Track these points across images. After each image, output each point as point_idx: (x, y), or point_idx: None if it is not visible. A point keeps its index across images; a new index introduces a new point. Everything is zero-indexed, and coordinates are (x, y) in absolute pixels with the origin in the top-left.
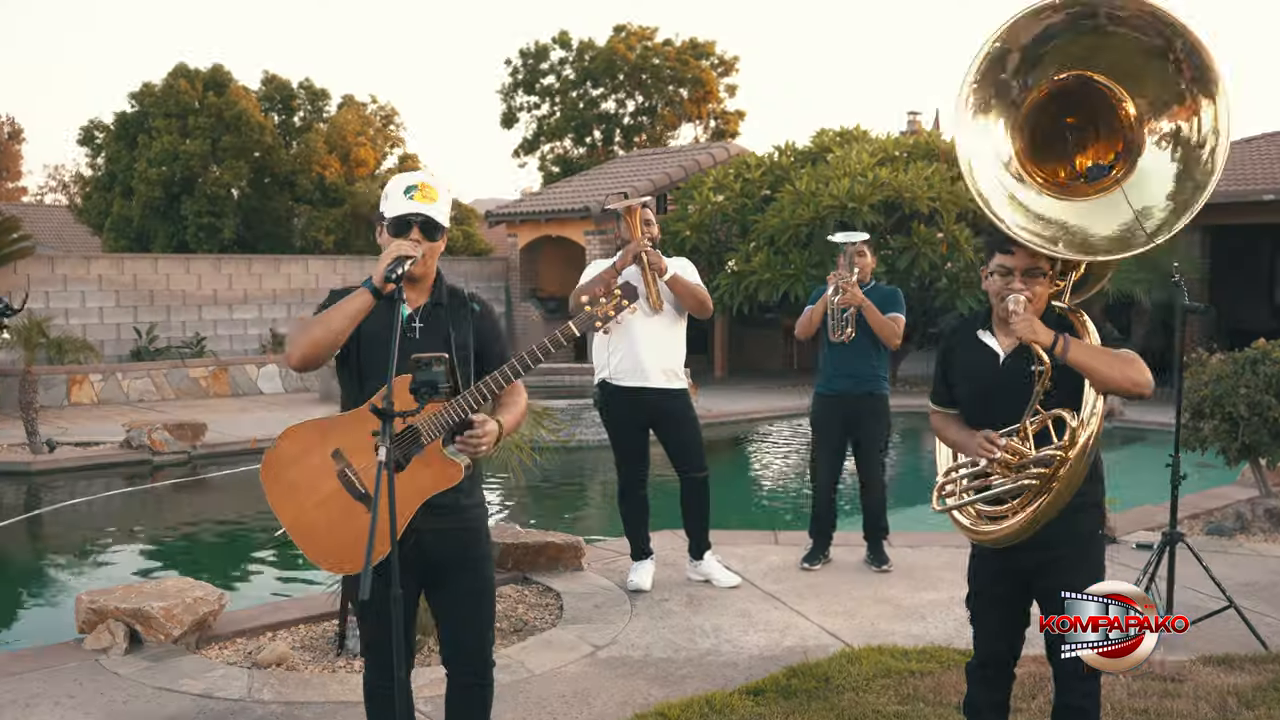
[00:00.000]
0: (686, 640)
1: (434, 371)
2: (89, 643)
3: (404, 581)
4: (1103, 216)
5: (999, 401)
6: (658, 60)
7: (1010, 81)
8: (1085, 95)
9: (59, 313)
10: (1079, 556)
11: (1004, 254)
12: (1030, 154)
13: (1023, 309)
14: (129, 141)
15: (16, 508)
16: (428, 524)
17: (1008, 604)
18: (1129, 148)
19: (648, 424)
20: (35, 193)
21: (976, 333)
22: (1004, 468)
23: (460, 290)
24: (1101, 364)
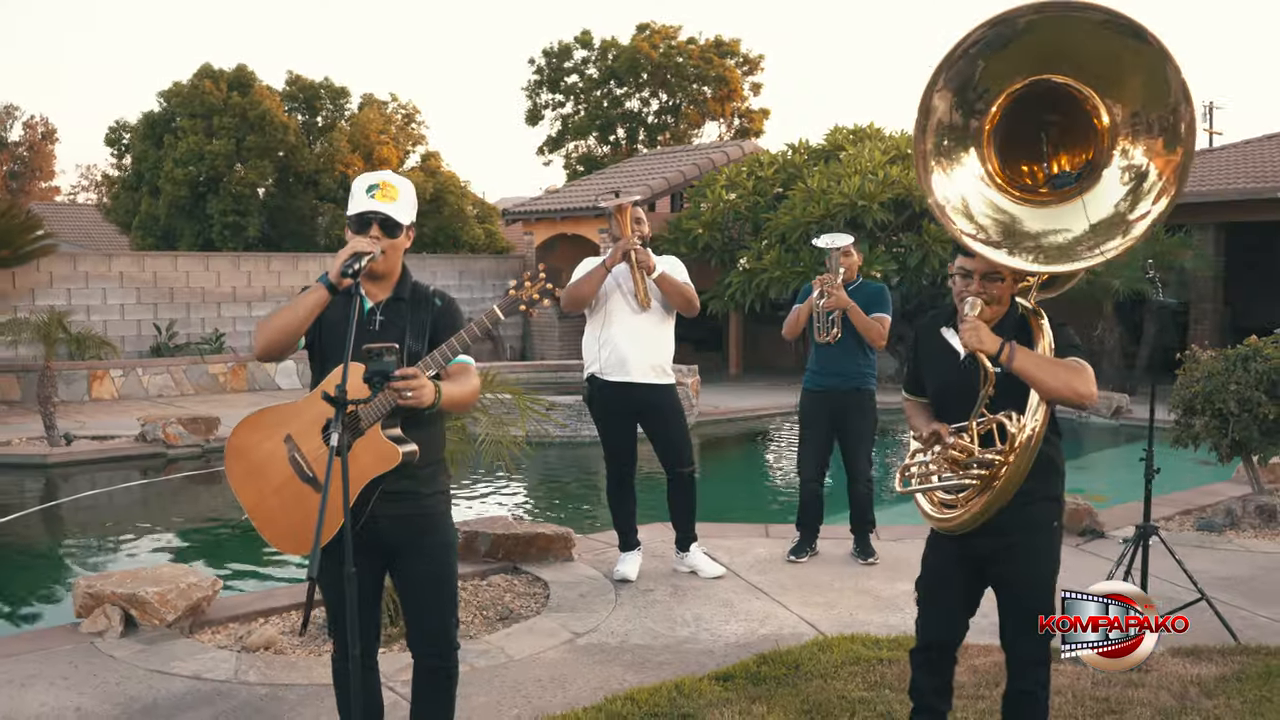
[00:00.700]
0: (666, 628)
1: (385, 361)
2: (85, 626)
3: (363, 563)
4: (1059, 224)
5: (956, 398)
6: (682, 59)
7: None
8: (1055, 98)
9: (81, 309)
10: (1033, 546)
11: (965, 256)
12: (1005, 163)
13: (976, 313)
14: (156, 141)
15: (32, 499)
16: (384, 509)
17: (959, 589)
18: (1098, 156)
19: (635, 418)
20: (68, 192)
21: (940, 329)
22: (951, 464)
23: (425, 287)
24: (1045, 374)
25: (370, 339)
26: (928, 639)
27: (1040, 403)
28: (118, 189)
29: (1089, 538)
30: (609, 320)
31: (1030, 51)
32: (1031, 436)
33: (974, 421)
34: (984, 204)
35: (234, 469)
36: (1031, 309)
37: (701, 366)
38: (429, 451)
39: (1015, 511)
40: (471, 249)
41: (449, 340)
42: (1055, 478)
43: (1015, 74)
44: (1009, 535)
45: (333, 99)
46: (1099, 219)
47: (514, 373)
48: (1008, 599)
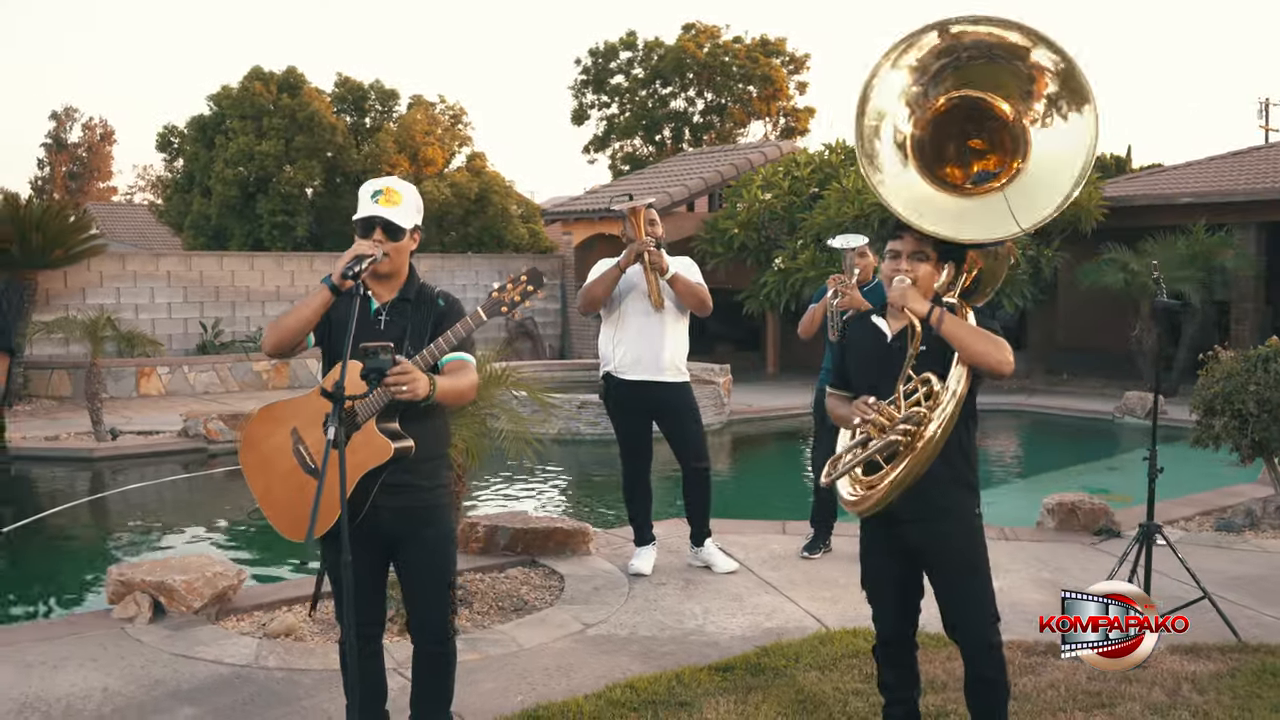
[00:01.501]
0: (674, 621)
1: (381, 359)
2: (117, 612)
3: (366, 552)
4: (982, 211)
5: (883, 376)
6: (727, 58)
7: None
8: (976, 115)
9: (129, 307)
10: (958, 530)
11: (894, 239)
12: (929, 151)
13: (905, 285)
14: (207, 143)
15: (76, 492)
16: (385, 501)
17: (900, 581)
18: (1018, 150)
19: (650, 416)
20: (124, 192)
21: (871, 317)
22: (878, 430)
23: (430, 288)
24: (971, 338)
25: (375, 338)
26: (884, 634)
27: (964, 368)
28: (170, 190)
29: (1105, 537)
30: (623, 320)
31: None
32: (955, 397)
33: (900, 384)
34: (918, 194)
35: (247, 459)
36: (959, 302)
37: (741, 366)
38: (429, 446)
39: (935, 495)
40: (516, 248)
41: (436, 339)
42: (970, 464)
43: (938, 95)
44: (933, 522)
45: (381, 100)
46: (1019, 200)
47: (549, 370)
48: (944, 586)
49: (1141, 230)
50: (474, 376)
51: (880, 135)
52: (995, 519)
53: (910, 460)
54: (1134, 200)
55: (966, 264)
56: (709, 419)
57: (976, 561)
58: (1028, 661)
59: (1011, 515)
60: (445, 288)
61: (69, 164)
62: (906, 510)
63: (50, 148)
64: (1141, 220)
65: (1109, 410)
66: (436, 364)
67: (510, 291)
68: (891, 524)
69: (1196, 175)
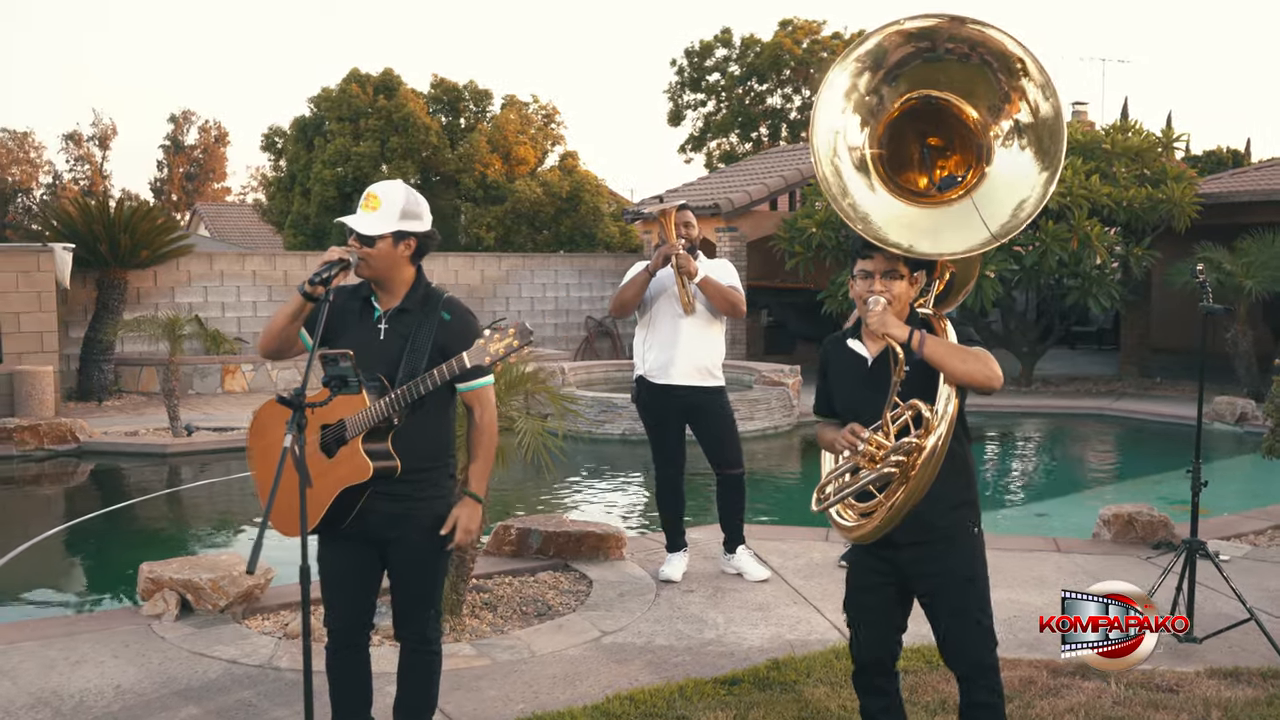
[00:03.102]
0: (694, 630)
1: (341, 367)
2: (146, 609)
3: (356, 549)
4: (953, 221)
5: (866, 402)
6: (826, 54)
7: (873, 88)
8: (936, 114)
9: (216, 305)
10: (956, 550)
11: (863, 259)
12: (889, 165)
13: (880, 309)
14: (307, 144)
15: (144, 487)
16: (378, 506)
17: (889, 604)
18: (980, 156)
19: (683, 420)
20: (238, 192)
21: (847, 342)
22: (868, 460)
23: (438, 297)
24: (955, 358)
25: (373, 345)
26: (863, 660)
27: (951, 389)
28: (273, 190)
29: (1163, 551)
30: (655, 324)
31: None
32: (946, 419)
33: (887, 412)
34: (890, 212)
35: (252, 445)
36: (932, 313)
37: None
38: (426, 459)
39: (932, 518)
40: (607, 247)
41: (414, 381)
42: (967, 481)
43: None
44: (930, 544)
45: (475, 101)
46: (988, 207)
47: (620, 371)
48: (941, 608)
49: (1242, 228)
50: (492, 413)
51: (839, 156)
52: (1056, 530)
53: (908, 487)
54: (1235, 196)
55: (938, 270)
56: (778, 420)
57: (975, 579)
58: (1052, 683)
59: (1076, 526)
60: (525, 288)
61: (186, 165)
62: (902, 534)
63: (168, 150)
64: (1241, 217)
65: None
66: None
67: (496, 343)
68: (886, 547)
69: None
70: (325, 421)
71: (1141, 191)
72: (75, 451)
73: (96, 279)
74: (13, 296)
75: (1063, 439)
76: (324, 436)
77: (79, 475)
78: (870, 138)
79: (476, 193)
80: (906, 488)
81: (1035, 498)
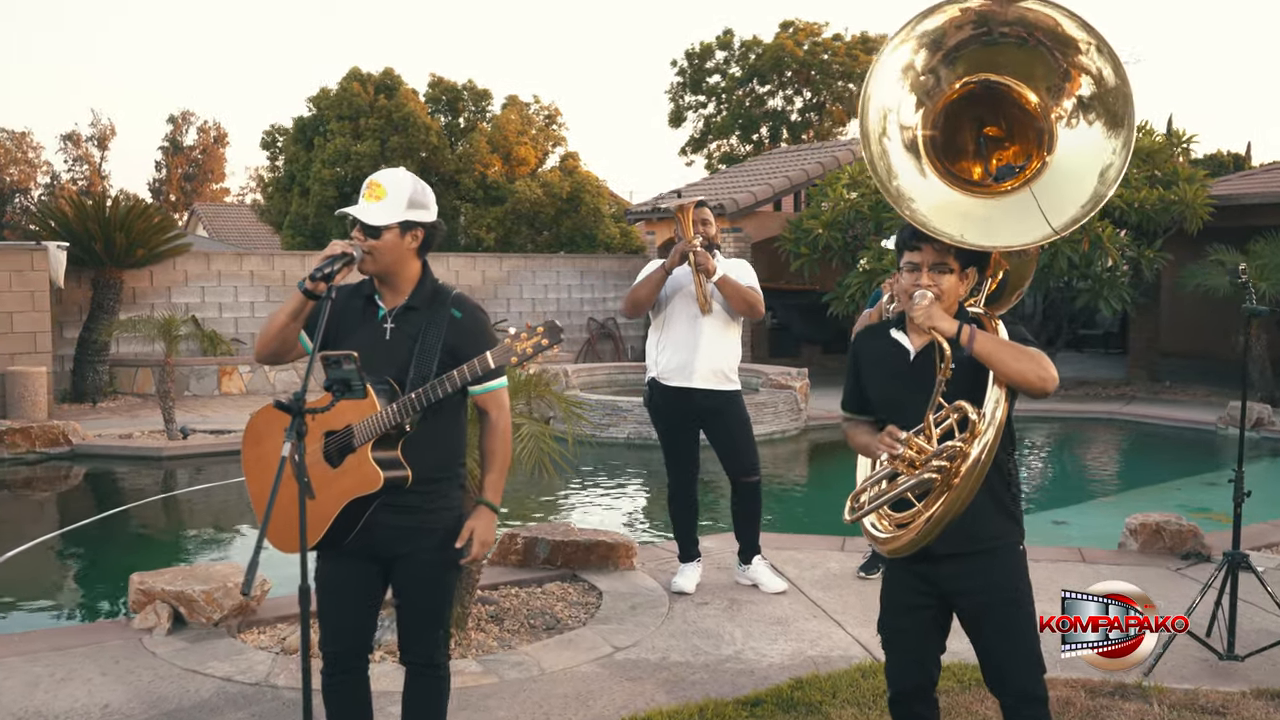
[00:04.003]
0: (710, 646)
1: (345, 369)
2: (137, 622)
3: (359, 565)
4: (1010, 212)
5: (909, 400)
6: (826, 56)
7: (930, 68)
8: (995, 100)
9: (213, 306)
10: (1001, 567)
11: (911, 250)
12: (943, 150)
13: (928, 302)
14: (306, 144)
15: (138, 491)
16: (385, 519)
17: (927, 625)
18: (1041, 143)
19: (697, 425)
20: (237, 193)
21: (890, 331)
22: (907, 465)
23: (446, 293)
24: (1007, 356)
25: (379, 346)
26: (900, 687)
27: (1001, 389)
28: (271, 190)
29: (1192, 561)
30: (669, 324)
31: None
32: (994, 425)
33: (930, 414)
34: (940, 200)
35: (247, 454)
36: (983, 312)
37: (828, 369)
38: (436, 466)
39: (976, 532)
40: (608, 248)
41: (429, 386)
42: (1013, 494)
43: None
44: (971, 557)
45: (475, 100)
46: (1048, 199)
47: (623, 373)
48: (983, 629)
49: (1253, 230)
50: (506, 418)
51: (888, 136)
52: (1077, 539)
53: (949, 497)
54: (1244, 199)
55: (990, 267)
56: (785, 424)
57: (1020, 601)
58: (1091, 704)
59: (1096, 535)
60: (526, 289)
61: (185, 166)
62: (942, 545)
63: (167, 150)
64: (1250, 220)
65: (1212, 421)
66: (451, 393)
67: (523, 342)
68: (923, 561)
69: None
70: (329, 428)
71: (1153, 193)
72: (68, 454)
73: (91, 278)
74: (5, 296)
75: (1075, 444)
76: (327, 444)
77: (71, 479)
78: (925, 119)
79: (476, 193)
80: (948, 497)
81: (1052, 505)
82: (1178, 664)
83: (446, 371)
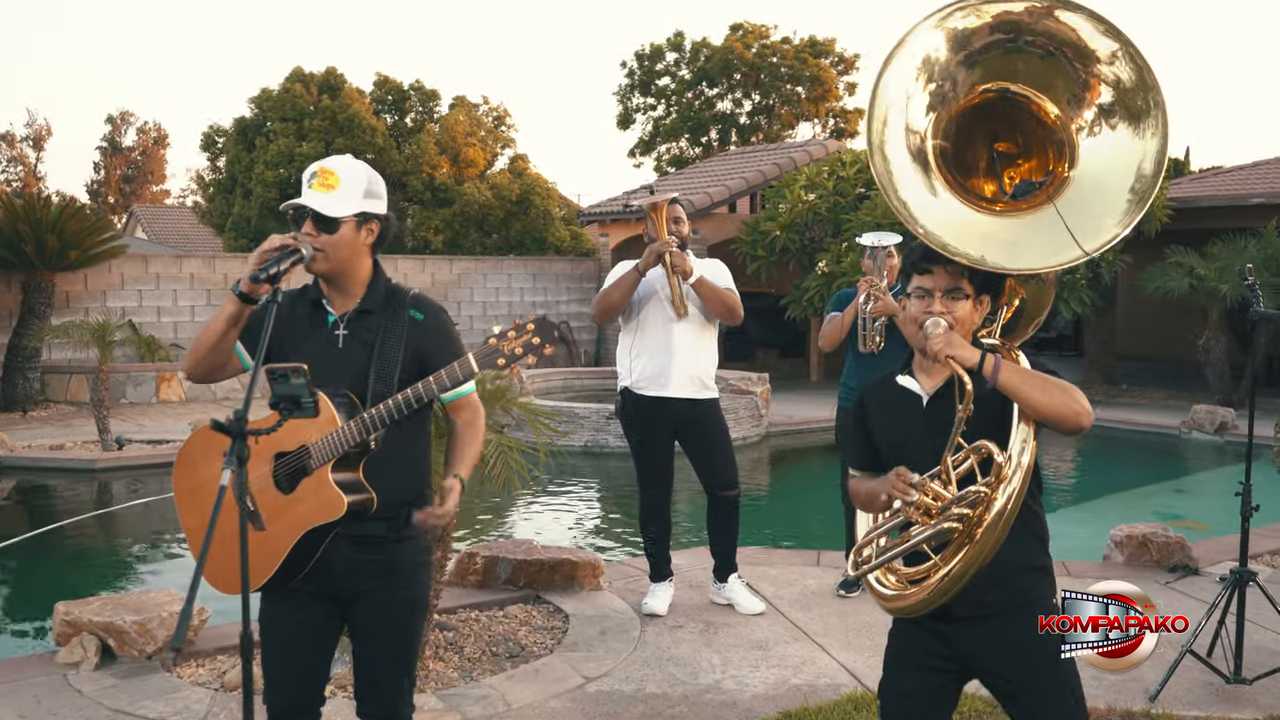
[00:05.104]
0: (688, 675)
1: (293, 384)
2: (62, 656)
3: (312, 607)
4: (1036, 232)
5: (921, 448)
6: (775, 59)
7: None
8: (1010, 113)
9: (151, 310)
10: (1034, 622)
11: (921, 274)
12: (953, 162)
13: (943, 330)
14: (248, 144)
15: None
16: (343, 552)
17: (937, 691)
18: (1060, 156)
19: (673, 436)
20: (177, 195)
21: (896, 379)
22: (922, 514)
23: (404, 294)
24: (1035, 388)
25: (332, 357)
26: None
27: (1030, 427)
28: (212, 191)
29: (1180, 574)
30: (643, 329)
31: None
32: (1022, 469)
33: (948, 456)
34: (953, 217)
35: (180, 482)
36: (1000, 344)
37: (783, 373)
38: (401, 489)
39: (1002, 589)
40: (558, 251)
41: (399, 396)
42: (1043, 543)
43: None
44: (998, 617)
45: (422, 101)
46: (1074, 218)
47: (579, 379)
48: (1022, 693)
49: (1206, 233)
50: (481, 422)
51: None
52: (1058, 551)
53: (970, 550)
54: (1200, 201)
55: (1005, 294)
56: (745, 431)
57: (1057, 654)
58: None
59: (1074, 546)
60: (478, 292)
61: (124, 167)
62: (962, 606)
63: (105, 151)
64: (1206, 222)
65: (1175, 425)
66: (427, 402)
67: (512, 341)
68: (941, 619)
69: (1266, 175)
70: (280, 449)
71: None
72: None
73: (22, 282)
74: None
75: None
76: (277, 469)
77: None
78: (935, 126)
79: (424, 195)
80: (969, 551)
81: None
82: (1183, 688)
83: (411, 381)
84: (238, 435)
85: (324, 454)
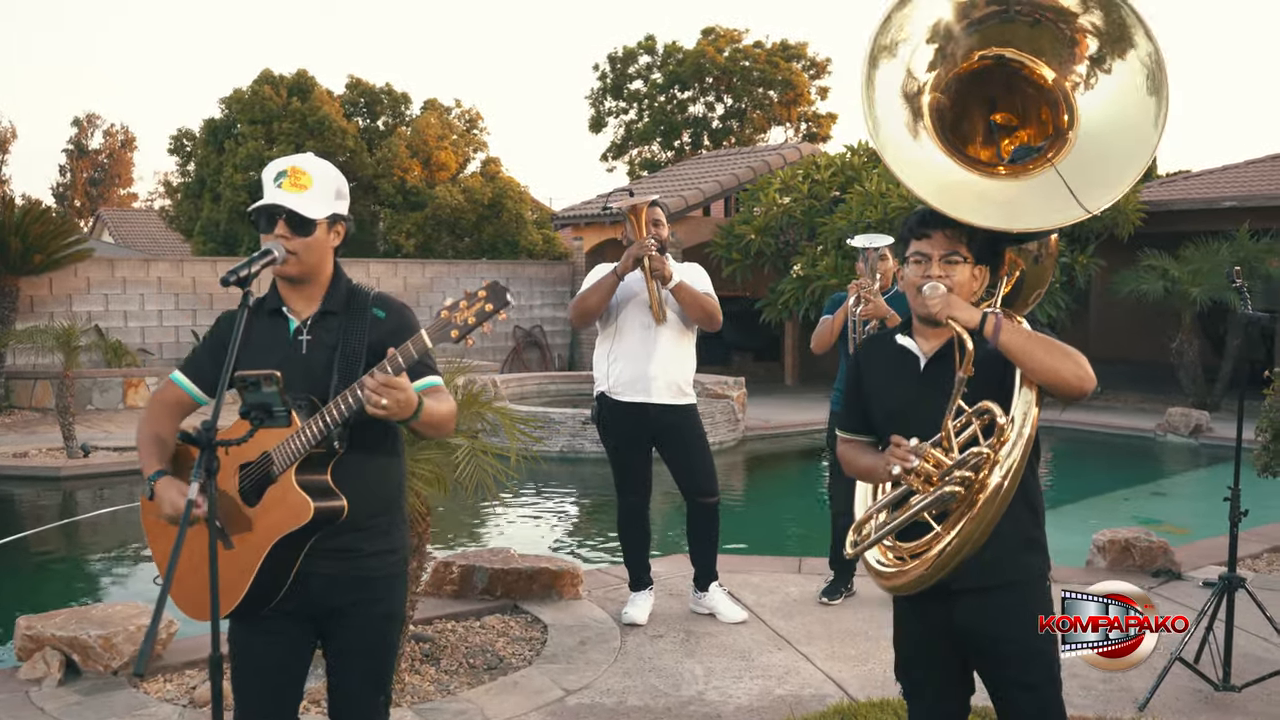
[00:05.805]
0: (670, 686)
1: (265, 392)
2: (24, 672)
3: (284, 633)
4: (1035, 193)
5: (920, 412)
6: (747, 62)
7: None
8: (1007, 79)
9: (118, 315)
10: (1026, 606)
11: (919, 239)
12: (950, 126)
13: (942, 292)
14: (217, 147)
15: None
16: (317, 567)
17: (947, 667)
18: (1058, 118)
19: (650, 442)
20: (145, 198)
21: (895, 337)
22: (923, 481)
23: (365, 294)
24: (1038, 349)
25: (298, 364)
26: None
27: (1033, 391)
28: (181, 195)
29: (1163, 579)
30: (621, 334)
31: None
32: (1024, 437)
33: (949, 420)
34: (949, 178)
35: (148, 504)
36: (1000, 313)
37: (759, 377)
38: (376, 498)
39: (996, 562)
40: (530, 254)
41: (381, 362)
42: (1038, 516)
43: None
44: (993, 592)
45: (394, 104)
46: (1077, 177)
47: (554, 383)
48: (1003, 679)
49: (1179, 236)
50: (453, 403)
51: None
52: None
53: (970, 519)
54: (1172, 205)
55: (1005, 266)
56: (722, 436)
57: (1045, 646)
58: None
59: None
60: (450, 295)
61: (90, 170)
62: (957, 579)
63: (72, 154)
64: (1179, 226)
65: (1150, 428)
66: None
67: (463, 311)
68: (935, 597)
69: (1236, 179)
70: (244, 460)
71: None
72: None
73: None
74: None
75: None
76: (243, 481)
77: None
78: (936, 81)
79: (395, 198)
80: (967, 523)
81: None
82: (1172, 696)
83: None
84: (206, 446)
85: (286, 458)
